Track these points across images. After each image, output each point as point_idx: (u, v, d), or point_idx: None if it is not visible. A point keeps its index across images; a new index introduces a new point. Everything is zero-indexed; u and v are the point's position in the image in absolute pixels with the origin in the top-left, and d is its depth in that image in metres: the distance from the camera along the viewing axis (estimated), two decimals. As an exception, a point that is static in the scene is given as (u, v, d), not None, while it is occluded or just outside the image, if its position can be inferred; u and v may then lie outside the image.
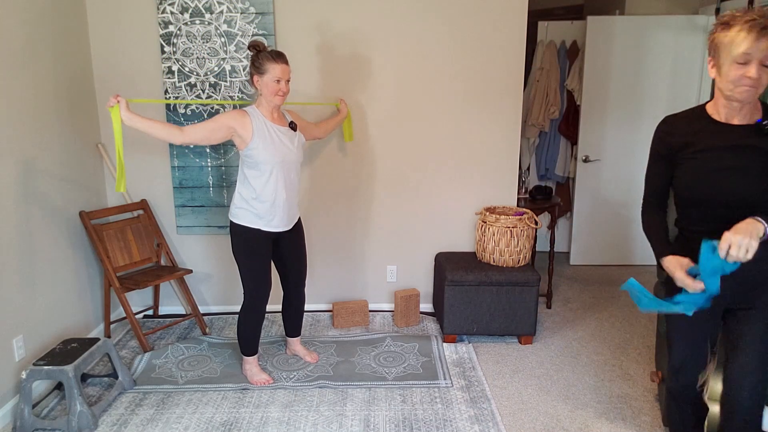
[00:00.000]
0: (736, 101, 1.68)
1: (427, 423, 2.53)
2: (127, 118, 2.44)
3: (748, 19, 1.59)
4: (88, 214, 3.19)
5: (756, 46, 1.57)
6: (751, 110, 1.72)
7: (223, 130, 2.57)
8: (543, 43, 4.66)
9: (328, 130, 3.19)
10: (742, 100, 1.66)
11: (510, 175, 3.61)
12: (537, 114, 4.63)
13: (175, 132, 2.50)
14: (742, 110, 1.72)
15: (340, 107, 3.34)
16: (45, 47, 2.88)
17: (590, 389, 2.85)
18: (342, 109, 3.33)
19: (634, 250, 4.78)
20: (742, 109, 1.72)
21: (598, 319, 3.72)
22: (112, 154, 3.47)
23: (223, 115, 2.58)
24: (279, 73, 2.57)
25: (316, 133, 3.08)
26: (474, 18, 3.37)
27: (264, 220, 2.66)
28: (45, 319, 2.86)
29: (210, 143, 2.61)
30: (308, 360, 3.08)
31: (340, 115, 3.31)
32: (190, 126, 2.54)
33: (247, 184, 2.64)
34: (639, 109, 4.54)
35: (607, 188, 4.68)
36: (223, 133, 2.57)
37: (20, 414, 2.46)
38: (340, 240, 3.68)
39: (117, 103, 2.44)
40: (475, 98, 3.48)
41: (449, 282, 3.22)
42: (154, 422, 2.54)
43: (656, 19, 4.38)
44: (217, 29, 3.32)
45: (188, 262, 3.66)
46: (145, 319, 3.65)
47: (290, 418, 2.57)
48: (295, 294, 2.98)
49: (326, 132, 3.17)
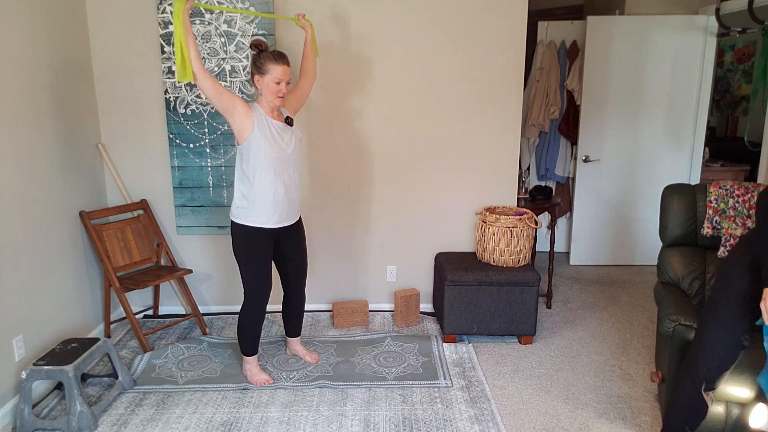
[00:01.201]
0: None
1: (427, 423, 2.53)
2: (185, 18, 2.36)
3: None
4: (88, 214, 3.19)
5: None
6: None
7: (231, 99, 2.52)
8: (543, 43, 4.66)
9: (311, 64, 2.95)
10: None
11: (510, 175, 3.61)
12: (537, 114, 4.63)
13: (200, 62, 2.44)
14: None
15: (302, 24, 2.95)
16: (45, 47, 2.88)
17: (590, 389, 2.85)
18: (305, 26, 2.96)
19: (634, 250, 4.78)
20: None
21: (598, 319, 3.72)
22: (112, 154, 3.47)
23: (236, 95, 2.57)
24: (280, 75, 2.56)
25: (308, 82, 2.91)
26: (474, 18, 3.37)
27: (265, 216, 2.66)
28: (45, 319, 2.86)
29: (210, 100, 2.52)
30: (308, 360, 3.08)
31: (307, 36, 2.95)
32: (209, 74, 2.48)
33: (245, 181, 2.64)
34: (639, 109, 4.54)
35: (607, 188, 4.68)
36: (228, 102, 2.52)
37: (20, 414, 2.46)
38: (340, 240, 3.68)
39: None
40: (475, 98, 3.48)
41: (449, 282, 3.23)
42: (154, 422, 2.54)
43: (656, 19, 4.38)
44: (217, 29, 3.32)
45: (188, 262, 3.66)
46: (145, 319, 3.65)
47: (290, 418, 2.57)
48: (296, 294, 2.98)
49: (313, 68, 2.95)
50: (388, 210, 3.64)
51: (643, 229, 4.73)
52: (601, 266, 4.80)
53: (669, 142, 4.59)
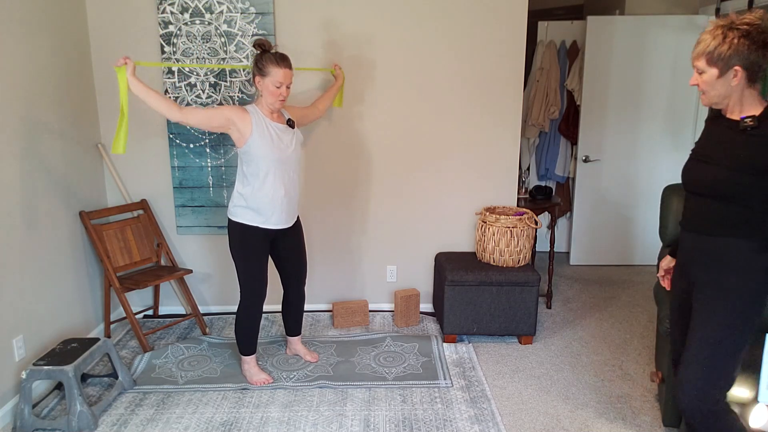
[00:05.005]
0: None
1: (427, 423, 2.53)
2: (133, 84, 2.44)
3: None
4: (88, 214, 3.18)
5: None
6: (744, 107, 1.74)
7: (221, 119, 2.54)
8: (543, 43, 4.66)
9: (327, 105, 3.14)
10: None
11: (510, 175, 3.60)
12: (537, 114, 4.63)
13: (173, 108, 2.48)
14: (734, 107, 1.75)
15: (336, 74, 3.22)
16: (45, 47, 2.88)
17: (590, 389, 2.85)
18: (338, 76, 3.22)
19: (634, 250, 4.78)
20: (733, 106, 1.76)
21: (598, 319, 3.72)
22: (112, 155, 3.48)
23: (224, 106, 2.57)
24: (281, 78, 2.56)
25: (316, 114, 3.04)
26: (474, 18, 3.37)
27: (263, 217, 2.66)
28: (45, 319, 2.86)
29: (205, 129, 2.58)
30: (308, 359, 3.08)
31: (337, 84, 3.20)
32: (190, 107, 2.53)
33: (245, 182, 2.64)
34: (639, 109, 4.54)
35: (607, 188, 4.68)
36: (220, 122, 2.55)
37: (20, 414, 2.46)
38: (340, 240, 3.68)
39: (125, 64, 2.43)
40: (475, 98, 3.48)
41: (449, 282, 3.22)
42: (154, 422, 2.54)
43: (656, 19, 4.38)
44: (217, 29, 3.32)
45: (188, 262, 3.66)
46: (145, 319, 3.65)
47: (290, 418, 2.57)
48: (295, 293, 2.98)
49: (326, 107, 3.13)
50: (388, 210, 3.64)
51: (643, 229, 4.73)
52: (601, 266, 4.80)
53: (669, 142, 4.59)
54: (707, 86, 1.73)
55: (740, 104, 1.73)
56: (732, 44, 1.63)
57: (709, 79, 1.71)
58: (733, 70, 1.66)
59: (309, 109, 3.03)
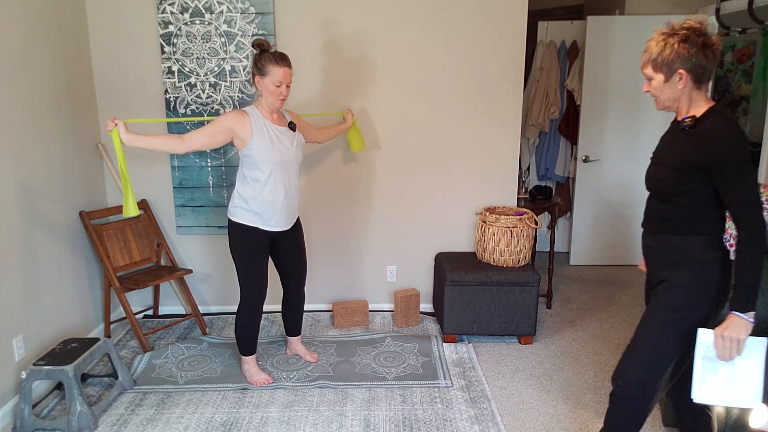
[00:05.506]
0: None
1: (427, 423, 2.53)
2: (128, 140, 2.44)
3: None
4: (88, 214, 3.19)
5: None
6: (691, 109, 1.78)
7: (224, 133, 2.56)
8: (543, 43, 4.66)
9: (329, 137, 3.17)
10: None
11: (510, 175, 3.61)
12: (537, 114, 4.63)
13: (176, 143, 2.51)
14: (682, 109, 1.81)
15: (346, 117, 3.32)
16: (45, 47, 2.88)
17: (590, 389, 2.85)
18: (347, 119, 3.31)
19: (634, 250, 4.78)
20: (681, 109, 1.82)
21: (598, 319, 3.72)
22: (112, 155, 3.47)
23: (222, 117, 2.57)
24: (281, 77, 2.56)
25: (315, 136, 3.05)
26: (474, 18, 3.37)
27: (262, 219, 2.66)
28: (45, 319, 2.86)
29: (212, 147, 2.61)
30: (308, 359, 3.08)
31: (344, 125, 3.28)
32: (191, 133, 2.53)
33: (246, 183, 2.64)
34: (639, 109, 4.54)
35: (607, 188, 4.68)
36: (224, 136, 2.57)
37: (20, 414, 2.46)
38: (340, 240, 3.68)
39: (115, 126, 2.43)
40: (475, 98, 3.48)
41: (449, 282, 3.22)
42: (154, 422, 2.54)
43: (656, 19, 4.38)
44: (217, 29, 3.32)
45: (188, 262, 3.66)
46: (145, 319, 3.65)
47: (290, 418, 2.57)
48: (295, 293, 2.98)
49: (326, 138, 3.15)
50: (388, 210, 3.64)
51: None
52: (601, 266, 4.80)
53: (669, 142, 4.58)
54: (657, 92, 1.79)
55: (688, 106, 1.78)
56: (673, 49, 1.70)
57: (657, 84, 1.78)
58: (677, 73, 1.72)
59: (311, 127, 3.02)
